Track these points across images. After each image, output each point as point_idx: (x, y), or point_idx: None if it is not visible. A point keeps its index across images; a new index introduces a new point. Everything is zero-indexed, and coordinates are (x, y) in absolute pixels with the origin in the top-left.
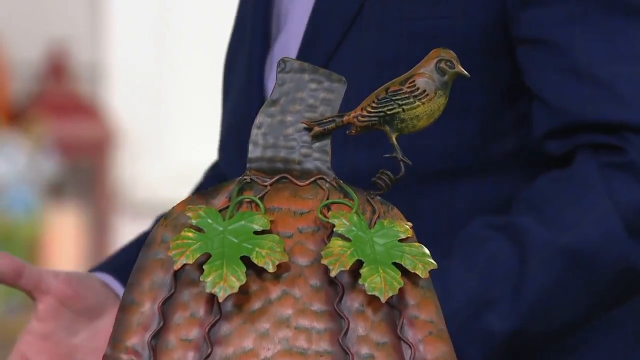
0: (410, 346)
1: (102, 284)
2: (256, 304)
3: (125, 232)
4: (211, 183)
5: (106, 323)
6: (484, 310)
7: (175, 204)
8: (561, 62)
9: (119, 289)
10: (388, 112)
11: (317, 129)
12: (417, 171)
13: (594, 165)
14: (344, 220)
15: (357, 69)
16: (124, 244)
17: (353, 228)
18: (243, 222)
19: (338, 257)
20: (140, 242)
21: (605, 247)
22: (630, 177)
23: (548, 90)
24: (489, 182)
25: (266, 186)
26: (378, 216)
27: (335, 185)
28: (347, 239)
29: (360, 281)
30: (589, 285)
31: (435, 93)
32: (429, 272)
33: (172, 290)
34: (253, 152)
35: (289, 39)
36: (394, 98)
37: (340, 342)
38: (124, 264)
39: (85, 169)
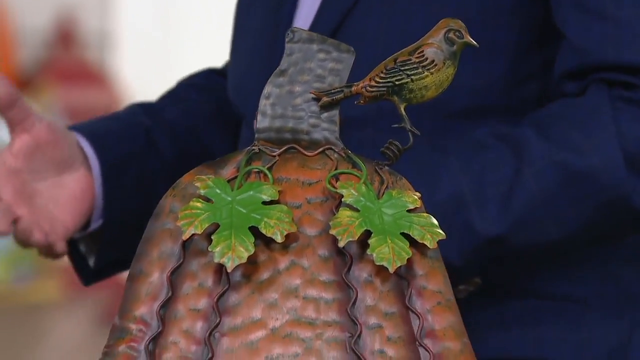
0: (418, 316)
1: (76, 142)
2: (264, 274)
3: None
4: (184, 90)
5: (72, 180)
6: (471, 207)
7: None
8: (587, 1)
9: (90, 152)
10: (396, 83)
11: (325, 99)
12: (443, 109)
13: (605, 96)
14: (352, 191)
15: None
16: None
17: (361, 198)
18: (251, 192)
19: (346, 227)
20: (120, 116)
21: (601, 171)
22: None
23: (571, 29)
24: (511, 125)
25: (274, 156)
26: (386, 186)
27: (344, 155)
28: (356, 210)
29: (368, 251)
30: (578, 205)
31: (444, 63)
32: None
33: (181, 260)
34: (261, 122)
35: None
36: (402, 68)
37: (349, 312)
38: (101, 133)
39: None
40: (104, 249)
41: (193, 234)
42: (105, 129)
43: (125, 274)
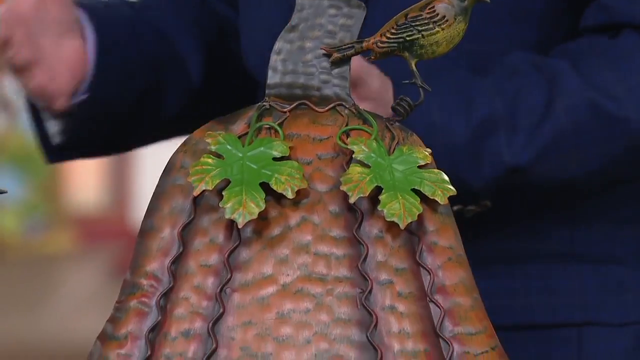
0: (429, 272)
1: (76, 11)
2: (275, 230)
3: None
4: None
5: (71, 45)
6: (500, 133)
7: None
8: None
9: (87, 24)
10: (407, 38)
11: (336, 55)
12: None
13: (639, 42)
14: (363, 147)
15: None
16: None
17: (372, 154)
18: (262, 149)
19: (357, 183)
20: (121, 6)
21: (632, 114)
22: None
23: None
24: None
25: (285, 112)
26: (397, 142)
27: (354, 111)
28: (366, 166)
29: (379, 207)
30: (604, 146)
31: (455, 19)
32: None
33: (192, 216)
34: (272, 78)
35: None
36: (413, 24)
37: (359, 268)
38: (100, 11)
39: None
40: (75, 125)
41: (204, 190)
42: (103, 9)
43: (138, 224)
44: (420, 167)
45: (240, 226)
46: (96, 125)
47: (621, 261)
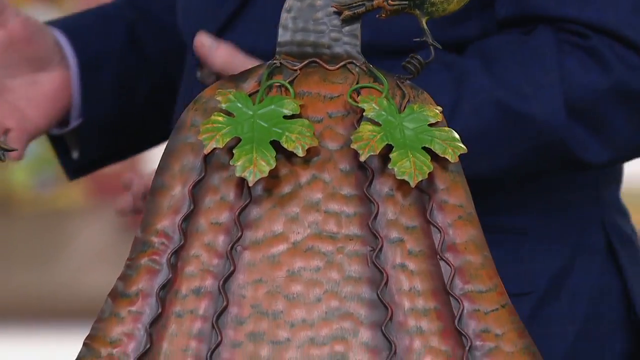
0: (439, 230)
1: (54, 39)
2: (286, 188)
3: None
4: None
5: (47, 79)
6: None
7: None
8: None
9: (68, 49)
10: None
11: (346, 12)
12: (379, 47)
13: (552, 38)
14: (373, 105)
15: None
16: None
17: (383, 112)
18: (273, 107)
19: (368, 141)
20: (104, 10)
21: (540, 113)
22: (586, 60)
23: None
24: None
25: (296, 70)
26: (408, 100)
27: (365, 69)
28: (377, 124)
29: (389, 166)
30: (513, 145)
31: None
32: None
33: (202, 174)
34: (282, 36)
35: None
36: None
37: (370, 226)
38: (81, 29)
39: None
40: (85, 145)
41: (214, 148)
42: (85, 25)
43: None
44: (430, 125)
45: (250, 184)
46: (110, 138)
47: (520, 232)
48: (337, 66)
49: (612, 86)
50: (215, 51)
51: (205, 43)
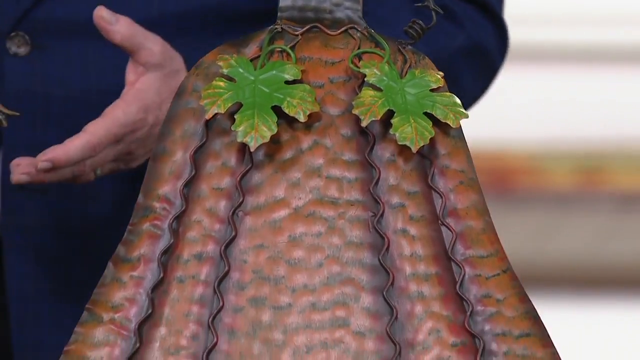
0: (441, 195)
1: None
2: (287, 154)
3: None
4: None
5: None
6: None
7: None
8: None
9: None
10: None
11: None
12: (224, 12)
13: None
14: (375, 70)
15: None
16: None
17: (384, 78)
18: (274, 72)
19: (369, 107)
20: None
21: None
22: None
23: None
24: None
25: (297, 35)
26: (409, 66)
27: (367, 34)
28: (378, 89)
29: (391, 131)
30: None
31: None
32: None
33: (204, 140)
34: (284, 1)
35: None
36: None
37: (371, 191)
38: None
39: None
40: None
41: (216, 113)
42: None
43: None
44: (432, 90)
45: (252, 149)
46: None
47: None
48: (339, 31)
49: (463, 43)
50: (115, 25)
51: (104, 16)
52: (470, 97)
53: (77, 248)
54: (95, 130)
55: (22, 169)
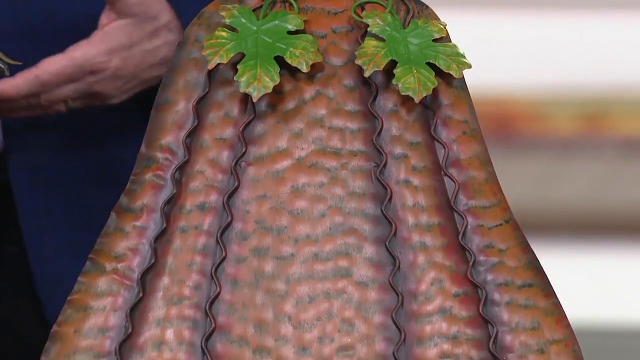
0: (443, 145)
1: None
2: (290, 104)
3: None
4: None
5: None
6: None
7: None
8: None
9: None
10: None
11: None
12: None
13: None
14: (377, 20)
15: None
16: None
17: (387, 28)
18: (277, 22)
19: (372, 57)
20: None
21: None
22: None
23: None
24: None
25: None
26: (412, 16)
27: None
28: (381, 39)
29: (394, 81)
30: None
31: None
32: None
33: (206, 90)
34: None
35: None
36: None
37: (374, 141)
38: None
39: None
40: None
41: (218, 64)
42: None
43: None
44: (435, 40)
45: (254, 100)
46: None
47: None
48: None
49: None
50: None
51: None
52: None
53: (86, 178)
54: (47, 67)
55: None
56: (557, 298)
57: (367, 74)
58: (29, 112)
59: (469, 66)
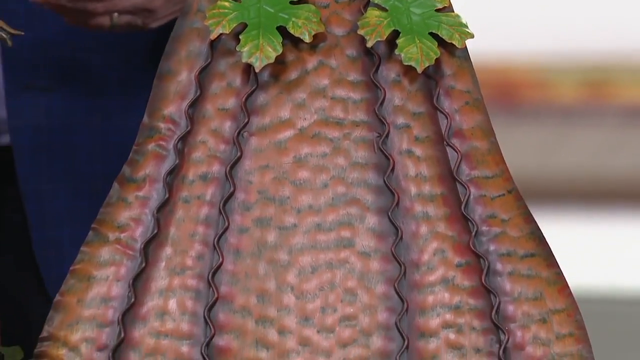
0: (446, 116)
1: None
2: (292, 74)
3: None
4: None
5: None
6: None
7: None
8: None
9: None
10: None
11: None
12: None
13: None
14: None
15: None
16: None
17: None
18: None
19: (374, 27)
20: None
21: None
22: None
23: None
24: None
25: None
26: None
27: None
28: (384, 9)
29: (396, 51)
30: None
31: None
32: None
33: (209, 60)
34: None
35: None
36: None
37: (376, 111)
38: None
39: None
40: None
41: (221, 34)
42: None
43: None
44: (437, 10)
45: (257, 70)
46: None
47: None
48: None
49: None
50: None
51: None
52: None
53: (88, 145)
54: None
55: None
56: (559, 268)
57: (369, 44)
58: (79, 17)
59: (472, 36)
